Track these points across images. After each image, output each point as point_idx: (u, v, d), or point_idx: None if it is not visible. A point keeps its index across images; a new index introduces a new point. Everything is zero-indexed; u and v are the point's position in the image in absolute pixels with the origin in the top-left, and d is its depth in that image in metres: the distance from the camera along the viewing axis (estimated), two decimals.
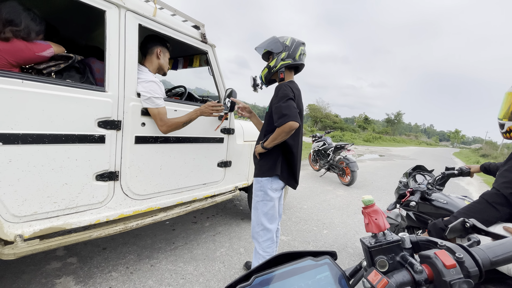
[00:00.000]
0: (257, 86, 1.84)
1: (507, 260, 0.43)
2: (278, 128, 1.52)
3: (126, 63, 1.57)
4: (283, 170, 1.67)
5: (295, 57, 1.65)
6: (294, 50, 1.65)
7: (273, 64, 1.67)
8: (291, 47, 1.65)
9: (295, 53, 1.65)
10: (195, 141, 2.05)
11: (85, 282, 1.82)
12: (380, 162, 11.02)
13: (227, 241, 2.59)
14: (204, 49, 2.09)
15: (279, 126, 1.51)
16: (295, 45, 1.66)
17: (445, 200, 1.57)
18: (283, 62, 1.64)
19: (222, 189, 2.43)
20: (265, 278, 0.50)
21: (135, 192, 1.74)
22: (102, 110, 1.50)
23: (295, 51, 1.65)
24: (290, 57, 1.64)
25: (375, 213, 0.49)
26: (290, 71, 1.72)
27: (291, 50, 1.64)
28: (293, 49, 1.65)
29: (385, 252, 0.46)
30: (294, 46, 1.66)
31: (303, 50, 1.69)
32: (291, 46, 1.65)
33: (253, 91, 1.85)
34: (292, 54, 1.64)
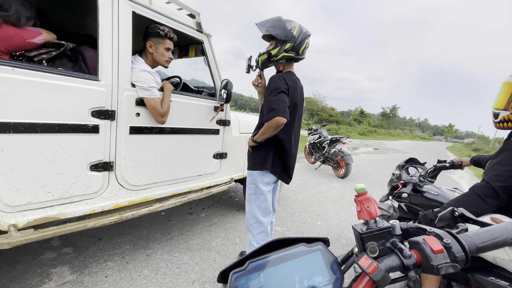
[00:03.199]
0: (251, 68, 1.72)
1: (493, 246, 0.45)
2: (266, 123, 1.47)
3: (120, 51, 1.54)
4: (276, 164, 1.63)
5: (299, 50, 1.54)
6: (300, 43, 1.53)
7: (274, 53, 1.55)
8: (297, 39, 1.51)
9: (300, 46, 1.53)
10: (191, 132, 2.04)
11: (80, 271, 1.83)
12: (374, 155, 11.13)
13: (222, 232, 2.61)
14: (200, 39, 2.05)
15: (267, 120, 1.45)
16: (301, 37, 1.52)
17: (436, 192, 1.60)
18: (286, 54, 1.53)
19: (217, 181, 2.44)
20: (259, 263, 0.51)
21: (130, 183, 1.73)
22: (95, 99, 1.48)
23: (301, 44, 1.53)
24: (294, 50, 1.52)
25: (367, 201, 0.50)
26: (291, 62, 1.63)
27: (297, 43, 1.51)
28: (299, 42, 1.52)
29: (376, 238, 0.48)
30: (300, 38, 1.52)
31: (308, 44, 1.59)
32: (298, 37, 1.51)
33: (245, 72, 1.74)
34: (297, 47, 1.53)
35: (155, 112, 1.70)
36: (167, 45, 1.77)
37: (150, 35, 1.73)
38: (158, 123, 1.76)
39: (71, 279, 1.75)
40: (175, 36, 1.81)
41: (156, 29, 1.72)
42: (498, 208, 1.12)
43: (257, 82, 1.75)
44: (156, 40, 1.74)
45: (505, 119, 1.21)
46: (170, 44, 1.80)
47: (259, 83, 1.74)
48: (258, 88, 1.75)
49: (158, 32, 1.73)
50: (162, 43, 1.77)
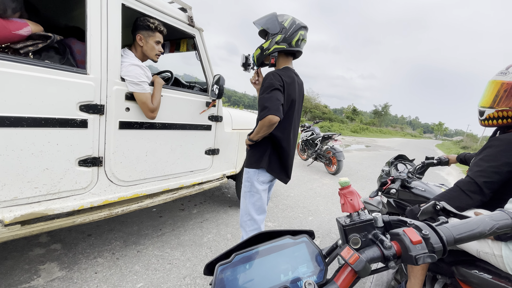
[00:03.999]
0: (249, 66, 1.68)
1: (470, 238, 0.47)
2: (259, 122, 1.43)
3: (109, 45, 1.52)
4: (273, 163, 1.58)
5: (291, 42, 1.46)
6: (292, 34, 1.46)
7: (266, 46, 1.50)
8: (288, 30, 1.46)
9: (292, 38, 1.46)
10: (182, 128, 2.03)
11: (70, 268, 1.81)
12: (366, 153, 11.29)
13: (214, 228, 2.62)
14: (192, 33, 2.03)
15: (260, 119, 1.42)
16: (293, 28, 1.46)
17: (423, 188, 1.64)
18: (277, 46, 1.47)
19: (209, 177, 2.43)
20: (245, 256, 0.51)
21: (120, 178, 1.72)
22: (83, 93, 1.45)
23: (293, 35, 1.46)
24: (286, 41, 1.46)
25: (350, 194, 0.51)
26: (287, 57, 1.56)
27: (288, 34, 1.46)
28: (291, 33, 1.46)
29: (358, 230, 0.49)
30: (292, 29, 1.46)
31: (303, 35, 1.50)
32: (289, 28, 1.46)
33: (243, 70, 1.70)
34: (289, 39, 1.46)
35: (145, 107, 1.68)
36: (157, 39, 1.75)
37: (140, 28, 1.71)
38: (148, 118, 1.75)
39: (60, 275, 1.74)
40: (165, 30, 1.79)
41: (146, 22, 1.70)
42: (482, 203, 1.16)
43: (254, 80, 1.71)
44: (146, 33, 1.72)
45: (490, 116, 1.24)
46: (160, 38, 1.78)
47: (256, 80, 1.70)
48: (256, 85, 1.70)
49: (148, 25, 1.70)
50: (152, 36, 1.74)
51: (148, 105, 1.68)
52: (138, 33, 1.71)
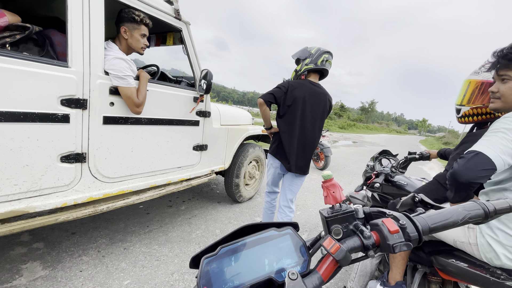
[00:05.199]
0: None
1: (444, 227, 0.49)
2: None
3: (92, 37, 1.47)
4: (279, 150, 2.05)
5: (317, 62, 1.92)
6: (317, 57, 1.92)
7: (298, 68, 1.99)
8: (314, 55, 1.92)
9: (317, 60, 1.92)
10: (169, 123, 2.00)
11: (53, 266, 1.77)
12: (353, 148, 11.52)
13: (203, 224, 2.61)
14: (178, 26, 1.99)
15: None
16: (318, 53, 1.92)
17: (406, 182, 1.69)
18: (306, 67, 1.94)
19: (198, 173, 2.42)
20: (230, 248, 0.52)
21: (105, 175, 1.68)
22: (65, 87, 1.40)
23: (318, 58, 1.92)
24: (313, 62, 1.92)
25: (333, 187, 0.53)
26: (315, 74, 1.99)
27: (314, 57, 1.92)
28: (316, 56, 1.92)
29: (340, 222, 0.51)
30: (317, 54, 1.92)
31: (326, 58, 1.93)
32: (315, 53, 1.92)
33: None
34: (315, 61, 1.92)
35: (131, 102, 1.65)
36: (142, 31, 1.71)
37: (125, 20, 1.66)
38: (134, 113, 1.71)
39: (43, 274, 1.69)
40: (151, 22, 1.75)
41: (131, 14, 1.65)
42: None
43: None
44: (131, 25, 1.67)
45: (466, 114, 1.30)
46: (145, 30, 1.73)
47: None
48: None
49: (133, 17, 1.65)
50: (137, 29, 1.70)
51: (134, 99, 1.65)
52: (123, 25, 1.66)
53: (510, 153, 0.85)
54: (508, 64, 1.00)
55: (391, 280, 1.33)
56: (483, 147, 0.88)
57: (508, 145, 0.86)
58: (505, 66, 1.01)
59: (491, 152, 0.85)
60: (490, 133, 0.93)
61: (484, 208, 0.49)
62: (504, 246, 0.92)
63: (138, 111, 1.71)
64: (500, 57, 1.02)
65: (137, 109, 1.70)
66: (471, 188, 0.88)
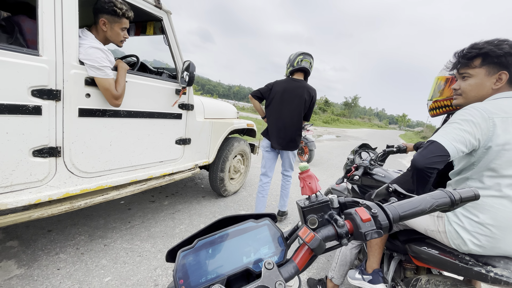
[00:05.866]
0: None
1: (413, 215, 0.51)
2: None
3: (64, 24, 1.39)
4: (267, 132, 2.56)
5: (293, 64, 2.41)
6: (293, 60, 2.41)
7: (286, 73, 2.53)
8: (292, 59, 2.43)
9: (294, 62, 2.41)
10: (150, 116, 1.95)
11: (29, 265, 1.70)
12: (336, 142, 11.77)
13: (187, 218, 2.59)
14: (159, 15, 1.92)
15: None
16: (294, 56, 2.42)
17: (383, 174, 1.76)
18: (288, 69, 2.48)
19: (181, 167, 2.38)
20: (207, 241, 0.52)
21: (82, 170, 1.62)
22: (36, 77, 1.32)
23: (294, 60, 2.41)
24: (291, 65, 2.43)
25: (309, 178, 0.54)
26: (298, 73, 2.46)
27: (292, 61, 2.43)
28: (293, 59, 2.42)
29: (315, 211, 0.52)
30: (293, 57, 2.42)
31: (301, 58, 2.38)
32: (292, 58, 2.43)
33: None
34: (292, 63, 2.42)
35: (109, 94, 1.58)
36: (123, 25, 1.64)
37: (104, 12, 1.57)
38: (112, 106, 1.65)
39: (19, 273, 1.62)
40: (133, 15, 1.68)
41: (112, 7, 1.55)
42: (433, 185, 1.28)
43: None
44: (111, 18, 1.59)
45: (433, 107, 1.39)
46: (126, 24, 1.66)
47: None
48: None
49: (114, 10, 1.56)
50: (118, 23, 1.62)
51: (112, 92, 1.58)
52: (102, 17, 1.57)
53: (462, 141, 0.93)
54: (467, 63, 1.08)
55: (368, 268, 1.39)
56: (438, 136, 0.96)
57: (461, 134, 0.93)
58: (465, 65, 1.09)
59: (444, 140, 0.94)
60: (447, 124, 1.01)
61: (450, 196, 0.52)
62: (469, 233, 0.98)
63: (117, 104, 1.65)
64: (460, 57, 1.11)
65: (116, 102, 1.64)
66: (428, 174, 0.94)
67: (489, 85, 1.04)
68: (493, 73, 1.02)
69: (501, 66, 1.00)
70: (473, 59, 1.06)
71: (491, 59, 1.01)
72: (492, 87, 1.03)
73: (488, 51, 1.01)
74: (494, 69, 1.02)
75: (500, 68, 1.01)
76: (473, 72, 1.07)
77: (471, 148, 0.95)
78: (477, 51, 1.04)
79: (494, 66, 1.02)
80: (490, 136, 0.92)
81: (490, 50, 1.01)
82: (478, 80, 1.06)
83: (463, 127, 0.94)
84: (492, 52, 1.01)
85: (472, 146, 0.94)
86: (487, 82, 1.04)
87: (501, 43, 1.01)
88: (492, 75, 1.03)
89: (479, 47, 1.05)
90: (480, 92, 1.07)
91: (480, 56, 1.04)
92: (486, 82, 1.04)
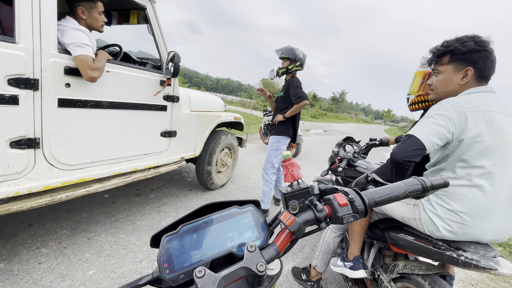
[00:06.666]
0: (275, 76, 2.65)
1: (387, 200, 0.54)
2: (296, 105, 2.48)
3: (42, 10, 1.32)
4: (291, 132, 2.64)
5: (303, 65, 2.58)
6: (304, 62, 2.58)
7: (290, 68, 2.54)
8: (303, 59, 2.54)
9: (304, 63, 2.58)
10: (133, 108, 1.90)
11: (9, 260, 1.65)
12: (323, 137, 11.96)
13: (173, 211, 2.58)
14: (142, 4, 1.87)
15: (297, 103, 2.47)
16: (305, 58, 2.57)
17: (366, 166, 1.82)
18: (297, 68, 2.55)
19: (166, 160, 2.36)
20: (191, 226, 0.53)
21: (62, 162, 1.57)
22: (12, 65, 1.26)
23: (304, 62, 2.58)
24: (301, 65, 2.56)
25: (291, 166, 0.56)
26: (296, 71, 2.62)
27: (303, 61, 2.56)
28: (304, 60, 2.56)
29: (297, 197, 0.54)
30: (304, 58, 2.56)
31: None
32: (303, 58, 2.55)
33: (270, 78, 2.73)
34: (303, 64, 2.57)
35: (85, 66, 1.47)
36: (100, 9, 1.64)
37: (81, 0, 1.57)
38: (88, 79, 1.52)
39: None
40: None
41: None
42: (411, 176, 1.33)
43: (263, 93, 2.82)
44: (87, 4, 1.59)
45: (413, 101, 1.45)
46: (102, 7, 1.66)
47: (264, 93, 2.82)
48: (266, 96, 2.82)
49: None
50: (95, 8, 1.62)
51: (89, 63, 1.48)
52: (79, 6, 1.56)
53: (437, 135, 0.98)
54: (437, 60, 1.13)
55: (349, 256, 1.44)
56: (415, 131, 1.00)
57: (436, 128, 0.98)
58: (436, 62, 1.15)
59: (421, 134, 0.98)
60: (423, 119, 1.06)
61: (422, 183, 0.55)
62: (442, 219, 1.04)
63: (92, 76, 1.52)
64: (432, 54, 1.16)
65: (92, 73, 1.51)
66: (406, 167, 0.99)
67: (456, 80, 1.09)
68: (460, 69, 1.08)
69: (467, 62, 1.05)
70: (442, 57, 1.12)
71: (457, 56, 1.07)
72: (459, 83, 1.09)
73: (453, 49, 1.07)
74: (461, 66, 1.07)
75: (467, 64, 1.06)
76: (442, 69, 1.12)
77: (445, 141, 1.00)
78: (444, 48, 1.10)
79: (461, 63, 1.07)
80: (462, 130, 0.97)
81: (456, 47, 1.06)
82: (446, 76, 1.11)
83: (438, 121, 0.99)
84: (457, 50, 1.06)
85: (446, 139, 0.99)
86: (454, 78, 1.09)
87: (467, 40, 1.05)
88: (459, 71, 1.08)
89: (447, 44, 1.10)
90: (448, 88, 1.12)
91: (448, 53, 1.09)
92: (453, 78, 1.10)
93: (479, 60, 1.04)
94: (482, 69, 1.05)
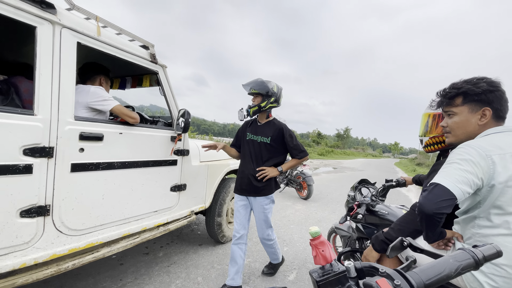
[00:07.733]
0: (244, 116, 2.16)
1: (438, 281, 0.47)
2: (299, 159, 2.13)
3: (61, 83, 1.42)
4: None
5: (279, 101, 2.12)
6: (280, 96, 2.11)
7: (263, 105, 2.05)
8: (278, 94, 2.07)
9: (280, 98, 2.11)
10: (144, 165, 1.91)
11: None
12: (333, 175, 11.71)
13: (183, 271, 2.41)
14: (154, 70, 2.01)
15: (300, 158, 2.12)
16: (280, 92, 2.10)
17: (387, 211, 1.71)
18: (272, 105, 2.07)
19: (176, 215, 2.28)
20: None
21: (71, 227, 1.52)
22: (29, 136, 1.31)
23: (280, 97, 2.12)
24: (277, 101, 2.09)
25: (321, 245, 0.50)
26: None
27: (278, 96, 2.08)
28: (279, 95, 2.09)
29: (332, 284, 0.47)
30: (279, 92, 2.09)
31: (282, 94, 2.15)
32: (278, 93, 2.08)
33: (240, 120, 2.19)
34: (278, 99, 2.10)
35: (124, 111, 1.73)
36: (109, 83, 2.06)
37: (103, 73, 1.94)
38: (133, 122, 1.79)
39: None
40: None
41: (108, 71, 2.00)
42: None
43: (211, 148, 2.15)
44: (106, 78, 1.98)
45: (428, 143, 1.40)
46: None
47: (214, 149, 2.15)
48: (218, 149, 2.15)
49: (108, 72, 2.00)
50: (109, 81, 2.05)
51: (125, 111, 1.74)
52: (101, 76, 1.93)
53: (466, 182, 0.90)
54: (450, 102, 1.12)
55: None
56: (441, 179, 0.92)
57: (463, 175, 0.90)
58: (448, 103, 1.13)
59: (449, 182, 0.89)
60: (446, 164, 0.98)
61: (474, 256, 0.49)
62: (486, 275, 0.92)
63: (136, 117, 1.80)
64: (443, 96, 1.14)
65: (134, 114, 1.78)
66: (437, 220, 0.90)
67: (475, 121, 1.06)
68: (476, 110, 1.05)
69: (483, 103, 1.04)
70: (454, 98, 1.10)
71: (471, 97, 1.05)
72: (478, 123, 1.05)
73: (466, 90, 1.06)
74: (476, 106, 1.05)
75: (483, 104, 1.04)
76: (456, 110, 1.10)
77: (475, 188, 0.92)
78: (456, 90, 1.09)
79: (476, 104, 1.05)
80: (491, 174, 0.91)
81: (469, 89, 1.05)
82: (462, 117, 1.08)
83: (463, 167, 0.92)
84: (470, 91, 1.05)
85: (476, 186, 0.92)
86: (472, 119, 1.06)
87: (478, 81, 1.05)
88: (475, 111, 1.05)
89: (457, 86, 1.09)
90: (468, 129, 1.08)
91: (460, 94, 1.08)
92: (471, 118, 1.07)
93: (494, 100, 1.02)
94: (498, 109, 1.03)
